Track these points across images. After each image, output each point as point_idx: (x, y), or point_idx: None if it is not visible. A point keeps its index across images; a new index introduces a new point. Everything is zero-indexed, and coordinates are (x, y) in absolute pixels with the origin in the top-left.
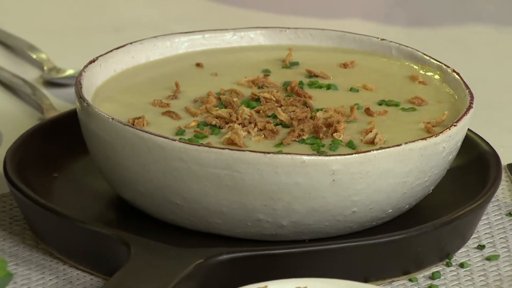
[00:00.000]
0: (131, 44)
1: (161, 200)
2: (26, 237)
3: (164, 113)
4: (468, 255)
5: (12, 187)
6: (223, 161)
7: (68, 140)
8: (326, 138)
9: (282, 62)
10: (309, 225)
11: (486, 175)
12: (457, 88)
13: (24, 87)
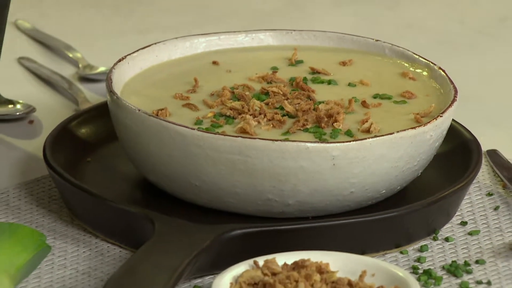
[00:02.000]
0: (155, 44)
1: (182, 182)
2: (63, 214)
3: (184, 105)
4: (452, 230)
5: (51, 170)
6: (237, 147)
7: (100, 129)
8: (327, 127)
9: (288, 60)
10: (312, 204)
11: (468, 160)
12: (443, 83)
13: (62, 82)
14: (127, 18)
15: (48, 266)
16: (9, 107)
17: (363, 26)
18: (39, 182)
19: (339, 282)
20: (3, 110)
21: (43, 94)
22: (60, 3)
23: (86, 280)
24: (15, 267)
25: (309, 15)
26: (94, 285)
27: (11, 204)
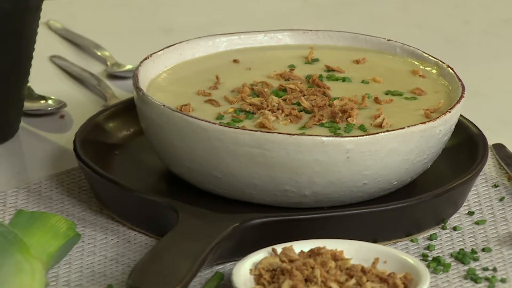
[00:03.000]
0: (179, 43)
1: (204, 174)
2: (92, 204)
3: (206, 101)
4: (460, 220)
5: (81, 162)
6: (256, 141)
7: (127, 123)
8: (342, 122)
9: (305, 58)
10: (327, 195)
11: (475, 153)
12: (451, 80)
13: (91, 79)
14: (152, 19)
15: (78, 252)
16: (41, 102)
17: (376, 26)
18: (70, 174)
19: (353, 268)
20: (36, 106)
21: (73, 91)
22: (90, 4)
23: (114, 266)
24: (47, 253)
25: (324, 16)
26: (122, 271)
27: (43, 195)
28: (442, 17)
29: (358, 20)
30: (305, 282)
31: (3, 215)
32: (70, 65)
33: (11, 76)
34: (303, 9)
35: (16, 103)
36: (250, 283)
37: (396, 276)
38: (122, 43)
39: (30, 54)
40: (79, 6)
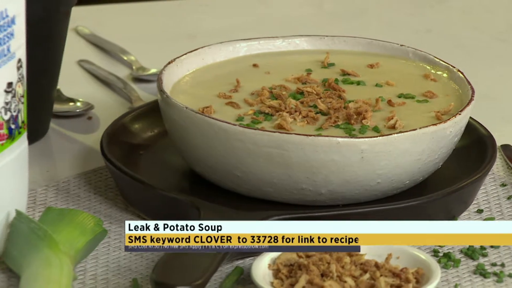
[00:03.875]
0: (201, 48)
1: (225, 173)
2: (118, 201)
3: (227, 103)
4: (469, 217)
5: (107, 161)
6: (274, 142)
7: (151, 124)
8: (356, 123)
9: (321, 63)
10: (342, 193)
11: (484, 153)
12: (461, 84)
13: (117, 82)
14: (176, 25)
15: (104, 248)
16: (70, 104)
17: (389, 32)
18: (97, 173)
19: (367, 263)
20: (64, 108)
21: (100, 93)
22: (116, 11)
23: (138, 261)
24: (75, 249)
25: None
26: (146, 265)
27: (71, 192)
28: (453, 23)
29: (372, 26)
30: (321, 276)
31: (33, 212)
32: (97, 69)
33: (41, 79)
34: (319, 15)
35: (46, 105)
36: (269, 277)
37: (408, 271)
38: (147, 48)
39: (59, 59)
40: (106, 13)
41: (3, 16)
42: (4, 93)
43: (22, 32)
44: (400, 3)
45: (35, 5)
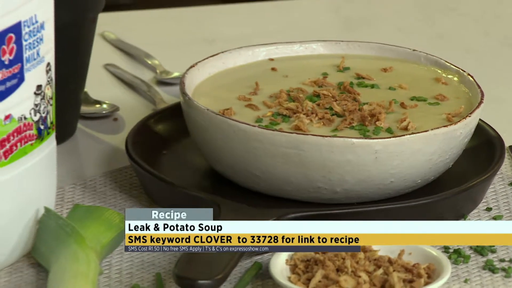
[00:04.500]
0: (222, 53)
1: (244, 172)
2: (142, 199)
3: (246, 106)
4: (479, 215)
5: (132, 161)
6: (292, 142)
7: (174, 125)
8: (370, 125)
9: (337, 67)
10: (357, 192)
11: (493, 154)
12: (471, 87)
13: (142, 85)
14: (198, 30)
15: None
16: (96, 106)
17: (402, 37)
18: (122, 171)
19: (380, 259)
20: (91, 109)
21: (125, 96)
22: (141, 17)
23: (161, 256)
24: (101, 244)
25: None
26: (169, 261)
27: (98, 190)
28: (463, 29)
29: (386, 32)
30: (336, 271)
31: (61, 209)
32: (123, 72)
33: (69, 82)
34: (335, 21)
35: (74, 107)
36: (286, 272)
37: (420, 267)
38: (170, 52)
39: (86, 62)
40: (131, 19)
41: (33, 22)
42: (33, 95)
43: (50, 37)
44: (413, 10)
45: (64, 12)
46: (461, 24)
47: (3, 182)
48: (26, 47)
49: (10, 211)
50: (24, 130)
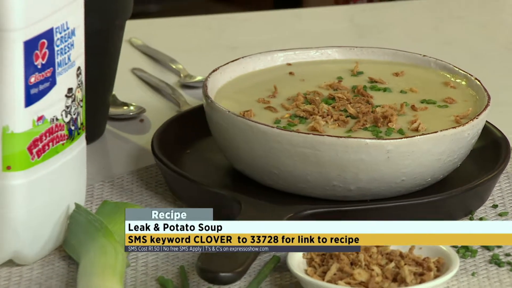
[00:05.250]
0: (242, 58)
1: (263, 170)
2: (167, 196)
3: (265, 108)
4: (485, 211)
5: (157, 159)
6: (308, 142)
7: (197, 126)
8: (383, 126)
9: (351, 71)
10: (370, 190)
11: (499, 154)
12: (478, 91)
13: (167, 89)
14: (220, 37)
15: None
16: (124, 108)
17: (413, 43)
18: (148, 170)
19: (392, 253)
20: (119, 111)
21: (151, 98)
22: (166, 24)
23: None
24: None
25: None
26: (192, 254)
27: (125, 187)
28: (471, 36)
29: (398, 39)
30: (350, 265)
31: (91, 205)
32: (149, 76)
33: (98, 86)
34: (349, 29)
35: (103, 109)
36: (303, 265)
37: (430, 261)
38: (193, 57)
39: (114, 67)
40: (157, 26)
41: (64, 28)
42: (65, 97)
43: (81, 42)
44: (423, 18)
45: (93, 19)
46: (468, 31)
47: (36, 179)
48: (57, 52)
49: (43, 207)
50: (56, 131)
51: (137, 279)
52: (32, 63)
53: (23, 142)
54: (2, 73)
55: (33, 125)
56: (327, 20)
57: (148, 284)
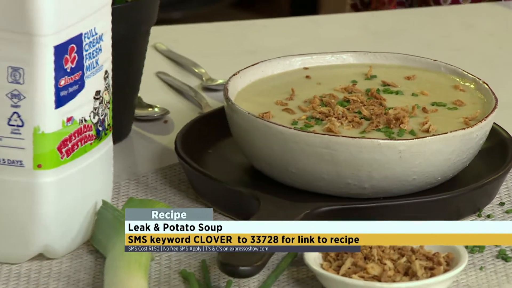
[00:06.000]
0: (262, 62)
1: (281, 169)
2: (189, 193)
3: (283, 110)
4: (492, 209)
5: (180, 159)
6: (324, 143)
7: (218, 127)
8: (395, 128)
9: (365, 75)
10: (383, 188)
11: (506, 154)
12: (486, 94)
13: (189, 91)
14: (240, 42)
15: None
16: (149, 110)
17: (424, 49)
18: (171, 168)
19: (404, 248)
20: (144, 112)
21: (175, 100)
22: (189, 30)
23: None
24: None
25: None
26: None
27: (150, 185)
28: (479, 42)
29: (410, 44)
30: (364, 259)
31: (117, 201)
32: (173, 79)
33: (125, 88)
34: (364, 35)
35: (129, 110)
36: (319, 259)
37: (440, 255)
38: (215, 62)
39: (140, 71)
40: (180, 32)
41: (92, 33)
42: (93, 99)
43: (108, 47)
44: (434, 25)
45: (120, 25)
46: (478, 39)
47: (65, 177)
48: (86, 56)
49: (72, 203)
50: (84, 131)
51: (161, 272)
52: (62, 67)
53: (53, 141)
54: (33, 76)
55: (62, 126)
56: (342, 26)
57: (172, 277)
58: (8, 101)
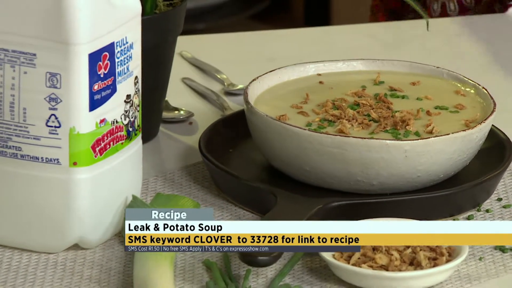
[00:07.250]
0: (279, 69)
1: (296, 167)
2: (212, 189)
3: (298, 113)
4: (491, 204)
5: (204, 157)
6: (336, 143)
7: (239, 128)
8: (401, 129)
9: (373, 81)
10: (390, 184)
11: (503, 154)
12: (485, 98)
13: (212, 95)
14: (259, 50)
15: None
16: (175, 112)
17: (428, 56)
18: (196, 166)
19: None
20: (171, 115)
21: (199, 104)
22: (212, 39)
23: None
24: None
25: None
26: None
27: (176, 181)
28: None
29: (415, 52)
30: (372, 250)
31: (146, 196)
32: (197, 84)
33: (153, 93)
34: (373, 44)
35: (157, 113)
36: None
37: (442, 247)
38: (236, 68)
39: (167, 76)
40: (204, 41)
41: (124, 42)
42: (124, 103)
43: (138, 55)
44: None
45: (149, 35)
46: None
47: (99, 174)
48: (118, 63)
49: (105, 198)
50: (116, 132)
51: (186, 261)
52: (95, 73)
53: (87, 141)
54: (69, 81)
55: (96, 127)
56: (353, 36)
57: (196, 266)
58: (46, 104)
